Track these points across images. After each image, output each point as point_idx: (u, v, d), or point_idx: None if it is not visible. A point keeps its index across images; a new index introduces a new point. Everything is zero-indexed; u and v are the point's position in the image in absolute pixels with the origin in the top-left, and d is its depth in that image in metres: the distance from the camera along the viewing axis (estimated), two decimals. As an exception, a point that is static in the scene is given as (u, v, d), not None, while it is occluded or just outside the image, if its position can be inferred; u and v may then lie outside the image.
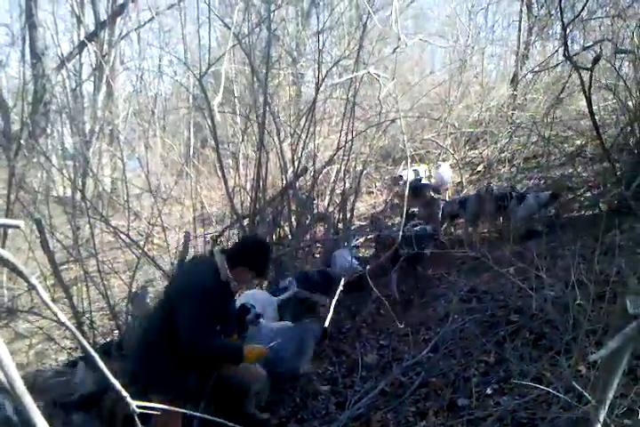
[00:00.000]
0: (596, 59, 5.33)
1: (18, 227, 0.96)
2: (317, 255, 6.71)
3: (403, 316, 4.74)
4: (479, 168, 9.71)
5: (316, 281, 5.07)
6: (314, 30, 10.68)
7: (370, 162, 8.25)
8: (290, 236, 6.25)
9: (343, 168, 6.72)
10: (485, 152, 9.97)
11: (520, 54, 11.65)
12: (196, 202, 6.65)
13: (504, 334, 3.48)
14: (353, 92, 6.19)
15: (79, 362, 4.10)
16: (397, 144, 10.70)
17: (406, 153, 5.86)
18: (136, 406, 1.21)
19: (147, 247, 5.49)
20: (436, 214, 6.96)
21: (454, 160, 9.20)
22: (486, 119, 10.73)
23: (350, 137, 6.18)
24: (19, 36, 12.27)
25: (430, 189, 7.68)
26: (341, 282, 4.31)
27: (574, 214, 6.34)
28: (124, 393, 1.17)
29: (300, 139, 6.11)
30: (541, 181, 7.89)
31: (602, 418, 1.79)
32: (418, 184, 7.56)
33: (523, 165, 8.89)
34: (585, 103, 5.57)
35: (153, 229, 6.06)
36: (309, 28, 11.97)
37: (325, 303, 4.33)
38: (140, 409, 1.22)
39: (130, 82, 15.66)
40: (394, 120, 7.15)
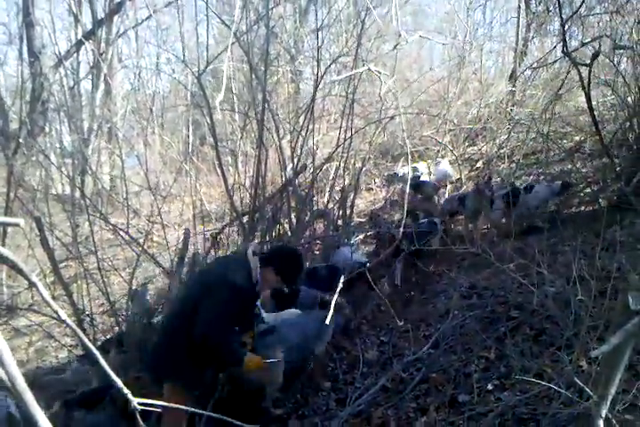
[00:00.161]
0: (595, 55, 5.34)
1: (18, 225, 0.95)
2: (317, 252, 6.70)
3: (403, 312, 4.75)
4: (478, 164, 9.71)
5: (323, 276, 5.08)
6: (312, 27, 10.66)
7: (369, 159, 8.23)
8: (289, 233, 6.24)
9: (342, 165, 6.72)
10: (484, 148, 9.96)
11: (518, 51, 11.64)
12: (196, 199, 6.65)
13: (505, 330, 3.48)
14: (352, 89, 6.18)
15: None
16: (396, 141, 10.70)
17: (406, 150, 5.85)
18: (137, 403, 1.20)
19: (146, 245, 5.49)
20: (437, 210, 7.01)
21: (453, 157, 9.20)
22: (485, 116, 10.71)
23: (349, 134, 6.17)
24: (16, 34, 12.29)
25: (430, 186, 7.70)
26: (341, 279, 4.30)
27: (574, 210, 6.34)
28: (125, 390, 1.17)
29: (300, 136, 6.10)
30: (541, 177, 7.89)
31: (604, 414, 1.78)
32: (417, 181, 7.58)
33: (522, 162, 8.89)
34: (584, 99, 5.57)
35: (152, 227, 6.06)
36: (307, 25, 11.94)
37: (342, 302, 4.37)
38: (142, 406, 1.22)
39: (128, 80, 15.67)
40: (393, 117, 7.15)
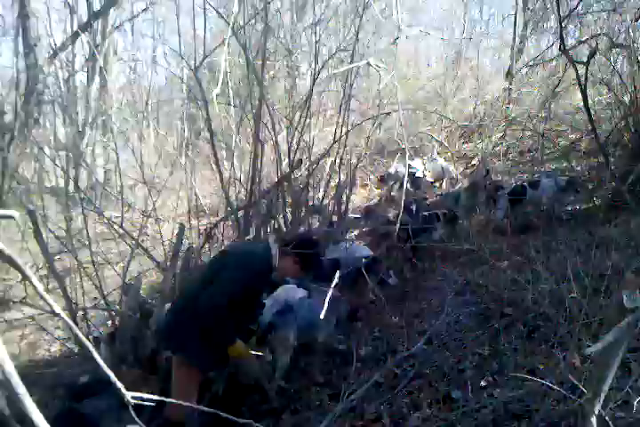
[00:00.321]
0: (592, 53, 5.30)
1: (11, 217, 0.94)
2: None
3: (397, 308, 4.75)
4: (474, 162, 9.73)
5: (327, 269, 5.09)
6: (309, 22, 10.61)
7: (365, 155, 8.22)
8: (284, 228, 6.23)
9: (338, 161, 6.70)
10: (480, 146, 9.97)
11: (515, 48, 11.65)
12: (191, 193, 6.61)
13: (499, 327, 3.49)
14: (349, 84, 6.16)
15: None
16: (392, 137, 10.68)
17: (404, 146, 5.86)
18: (131, 397, 1.19)
19: (140, 239, 5.45)
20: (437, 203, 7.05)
21: (449, 154, 9.20)
22: (481, 113, 10.73)
23: (346, 130, 6.16)
24: (11, 25, 12.16)
25: (425, 183, 7.72)
26: (336, 275, 4.30)
27: (569, 208, 6.36)
28: (118, 384, 1.16)
29: (296, 131, 6.08)
30: (536, 176, 7.90)
31: (597, 411, 1.79)
32: (413, 178, 7.58)
33: (517, 159, 8.90)
34: (579, 97, 5.57)
35: (147, 221, 6.03)
36: (305, 19, 11.89)
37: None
38: (135, 400, 1.21)
39: (123, 73, 15.58)
40: (389, 113, 7.14)
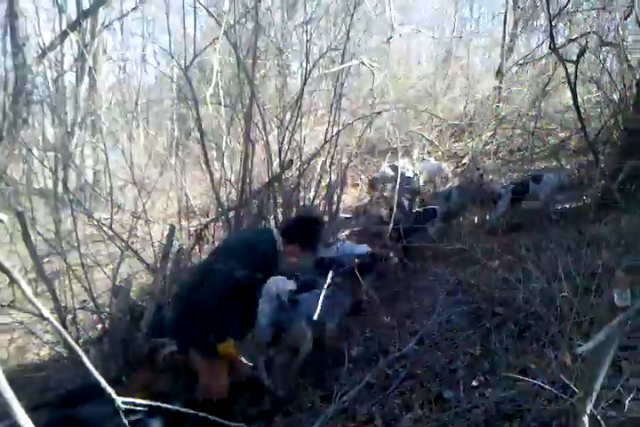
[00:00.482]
0: (582, 51, 5.35)
1: (1, 221, 0.93)
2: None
3: (389, 308, 4.75)
4: (464, 160, 9.75)
5: (325, 266, 5.09)
6: (300, 21, 10.58)
7: (356, 154, 8.21)
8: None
9: (329, 160, 6.69)
10: (470, 144, 9.99)
11: (505, 46, 11.68)
12: (181, 194, 6.58)
13: (490, 327, 3.49)
14: (340, 83, 6.16)
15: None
16: (383, 136, 10.68)
17: (395, 145, 5.85)
18: (122, 402, 1.18)
19: (130, 240, 5.41)
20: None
21: (439, 153, 9.22)
22: (471, 112, 10.75)
23: (337, 129, 6.15)
24: (-1, 25, 12.03)
25: (415, 182, 7.71)
26: (329, 274, 4.29)
27: (559, 207, 6.38)
28: (108, 389, 1.15)
29: (287, 131, 6.06)
30: (526, 174, 7.92)
31: (588, 410, 1.79)
32: (403, 177, 7.57)
33: (507, 158, 8.93)
34: (569, 96, 5.59)
35: (137, 222, 5.98)
36: (295, 18, 11.85)
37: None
38: (126, 405, 1.19)
39: (112, 72, 15.47)
40: (380, 112, 7.14)
